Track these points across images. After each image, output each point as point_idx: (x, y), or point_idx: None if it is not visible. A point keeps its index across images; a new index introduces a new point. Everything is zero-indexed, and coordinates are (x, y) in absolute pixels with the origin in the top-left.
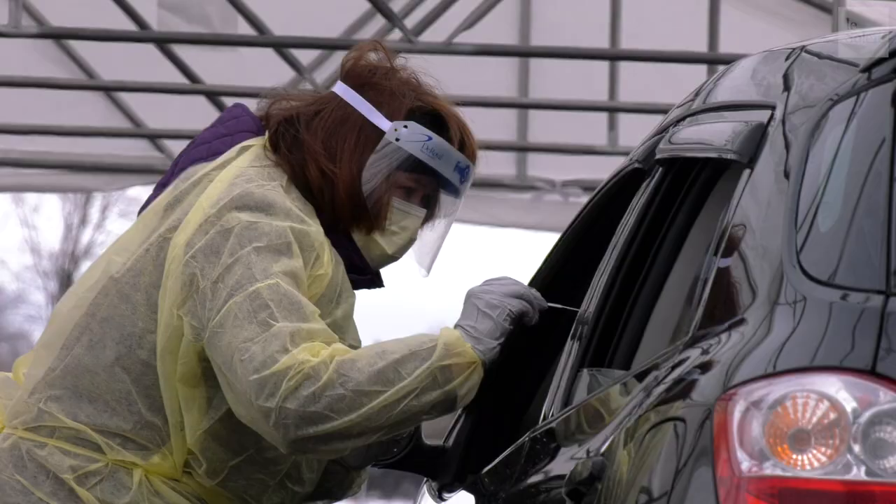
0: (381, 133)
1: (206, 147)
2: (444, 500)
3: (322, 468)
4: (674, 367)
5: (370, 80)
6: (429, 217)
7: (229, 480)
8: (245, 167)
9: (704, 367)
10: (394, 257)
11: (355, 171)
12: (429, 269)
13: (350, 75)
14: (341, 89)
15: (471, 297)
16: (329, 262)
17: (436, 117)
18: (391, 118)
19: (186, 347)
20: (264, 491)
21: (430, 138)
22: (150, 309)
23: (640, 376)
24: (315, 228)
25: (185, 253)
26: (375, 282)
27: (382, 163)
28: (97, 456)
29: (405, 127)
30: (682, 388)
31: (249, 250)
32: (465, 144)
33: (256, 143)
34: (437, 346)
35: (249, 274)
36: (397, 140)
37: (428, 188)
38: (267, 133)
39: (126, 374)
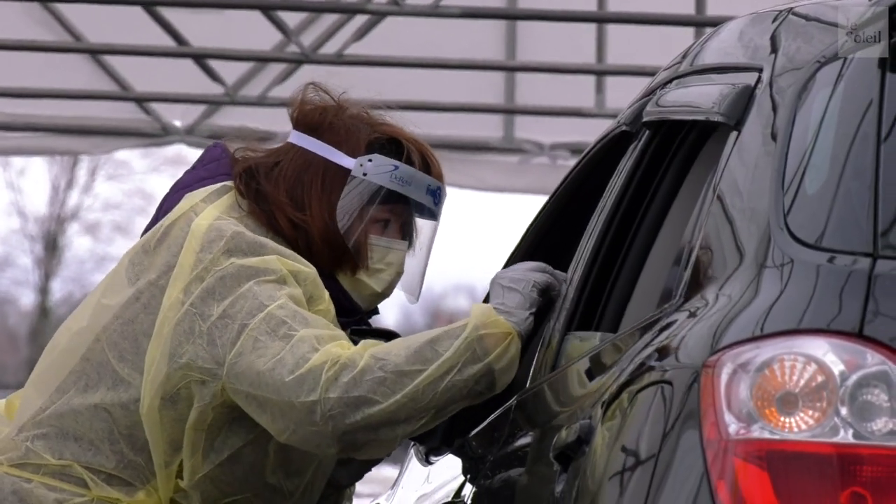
0: (346, 172)
1: (187, 191)
2: (431, 463)
3: (316, 500)
4: (661, 331)
5: (322, 122)
6: (409, 245)
7: None
8: (223, 214)
9: (692, 330)
10: (384, 294)
11: (326, 216)
12: (417, 296)
13: (301, 122)
14: (296, 137)
15: (494, 280)
16: (329, 299)
17: (395, 145)
18: (353, 155)
19: (199, 393)
20: None
21: (396, 167)
22: (138, 356)
23: (628, 339)
24: (307, 268)
25: (182, 302)
26: (364, 319)
27: (354, 200)
28: (82, 491)
29: (370, 161)
30: (670, 352)
31: (250, 285)
32: (430, 165)
33: (232, 189)
34: (470, 320)
35: (257, 302)
36: (365, 175)
37: (403, 216)
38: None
39: (108, 414)
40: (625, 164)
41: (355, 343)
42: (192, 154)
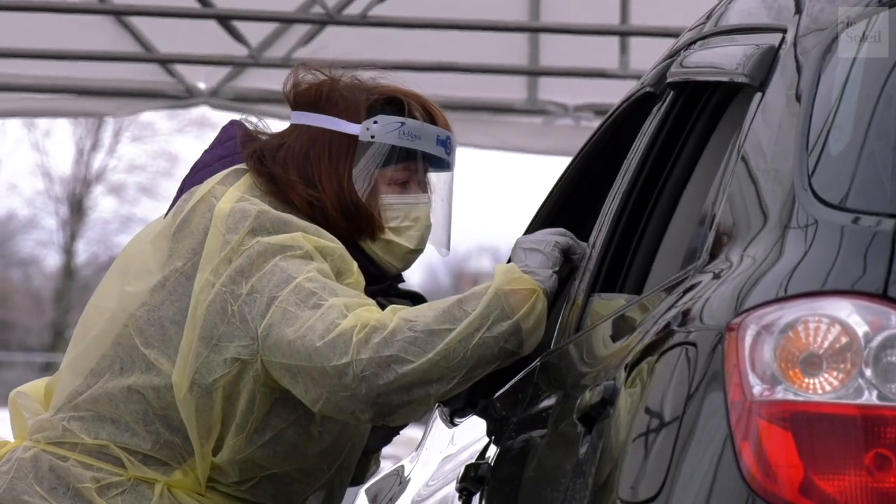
0: (353, 139)
1: (207, 171)
2: (455, 425)
3: (351, 475)
4: (685, 292)
5: (319, 97)
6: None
7: (259, 488)
8: (244, 195)
9: (716, 292)
10: (418, 249)
11: (337, 187)
12: (447, 247)
13: (299, 102)
14: (298, 117)
15: (516, 244)
16: (357, 270)
17: (396, 103)
18: (356, 121)
19: (244, 377)
20: (291, 501)
21: (402, 123)
22: (164, 343)
23: (652, 301)
24: (333, 243)
25: (212, 283)
26: (393, 286)
27: (367, 165)
28: (119, 471)
29: (375, 123)
30: (694, 313)
31: (277, 261)
32: (434, 116)
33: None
34: (494, 279)
35: (285, 275)
36: (373, 138)
37: (419, 173)
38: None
39: (142, 396)
40: (649, 125)
41: (384, 308)
42: (217, 116)
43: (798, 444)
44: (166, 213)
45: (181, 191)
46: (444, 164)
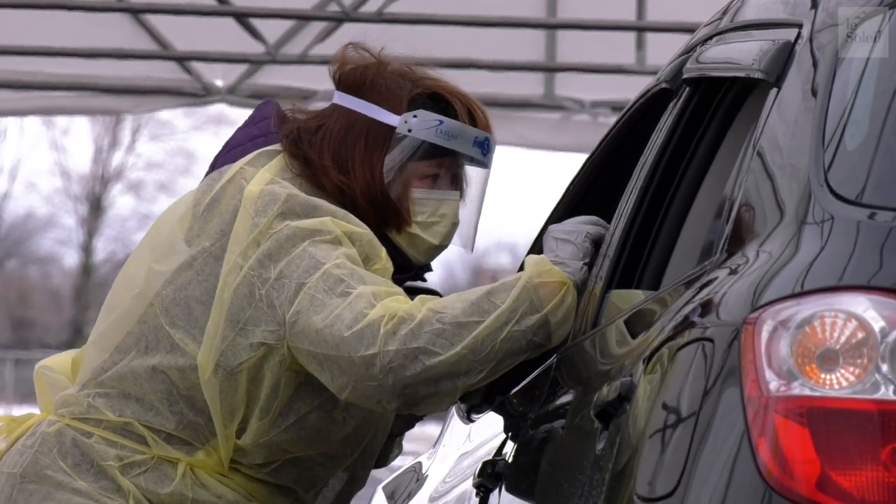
0: (390, 130)
1: (240, 150)
2: (472, 421)
3: (375, 459)
4: (701, 288)
5: (364, 81)
6: (461, 195)
7: (282, 471)
8: (275, 177)
9: (732, 288)
10: (442, 246)
11: (369, 176)
12: (472, 247)
13: (343, 83)
14: (339, 98)
15: (547, 234)
16: (386, 257)
17: (439, 99)
18: (396, 112)
19: (270, 361)
20: (314, 484)
21: (441, 122)
22: (189, 323)
23: (668, 297)
24: (362, 228)
25: (240, 266)
26: (420, 275)
27: (401, 157)
28: (142, 448)
29: (414, 117)
30: (710, 309)
31: (305, 245)
32: (475, 117)
33: (282, 151)
34: (524, 271)
35: (314, 261)
36: (409, 131)
37: (453, 168)
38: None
39: (166, 376)
40: (665, 121)
41: (412, 295)
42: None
43: (815, 440)
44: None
45: (213, 167)
46: (480, 164)
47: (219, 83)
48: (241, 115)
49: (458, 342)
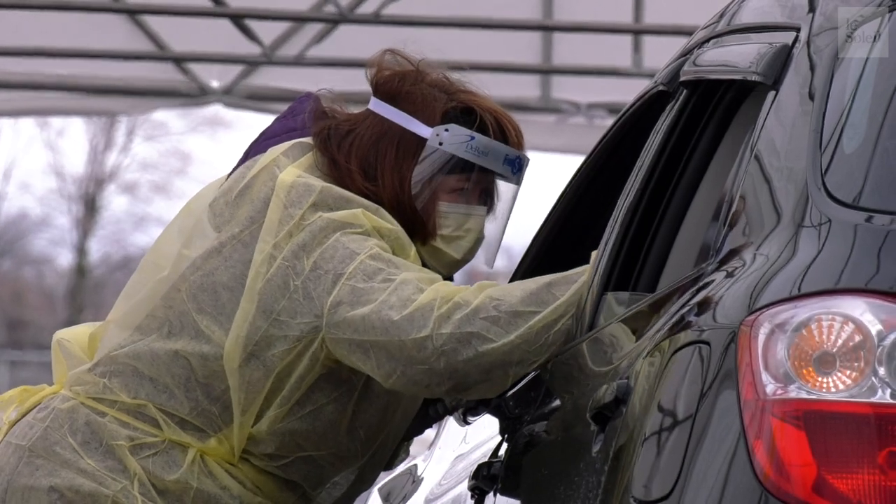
0: (421, 141)
1: (274, 140)
2: (468, 423)
3: (385, 462)
4: (698, 291)
5: (400, 89)
6: (489, 210)
7: (292, 466)
8: (304, 173)
9: (729, 290)
10: (464, 260)
11: (397, 185)
12: (492, 263)
13: (380, 89)
14: (375, 105)
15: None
16: (416, 255)
17: (471, 114)
18: (429, 124)
19: (304, 353)
20: (322, 482)
21: (472, 137)
22: (216, 309)
23: (665, 299)
24: (392, 224)
25: (273, 256)
26: None
27: (430, 169)
28: (155, 431)
29: (446, 130)
30: (707, 311)
31: (337, 236)
32: (507, 134)
33: (314, 148)
34: (589, 266)
35: (348, 251)
36: (440, 145)
37: (482, 183)
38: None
39: (187, 361)
40: (662, 123)
41: None
42: (230, 114)
43: (811, 443)
44: (229, 175)
45: (247, 155)
46: (510, 181)
47: (215, 84)
48: (236, 116)
49: (514, 331)
